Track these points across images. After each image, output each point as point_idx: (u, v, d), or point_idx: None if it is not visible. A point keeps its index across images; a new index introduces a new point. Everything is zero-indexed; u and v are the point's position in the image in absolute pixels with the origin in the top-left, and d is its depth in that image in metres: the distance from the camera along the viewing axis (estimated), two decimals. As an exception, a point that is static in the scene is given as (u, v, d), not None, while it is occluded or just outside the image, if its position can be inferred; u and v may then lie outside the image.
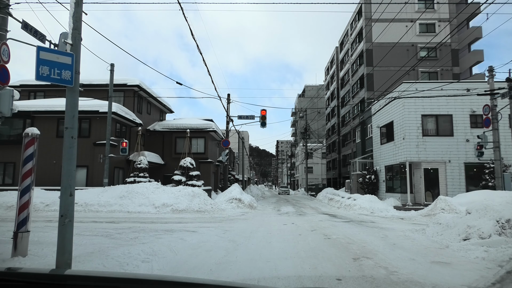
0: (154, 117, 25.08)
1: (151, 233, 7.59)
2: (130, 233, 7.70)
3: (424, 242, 6.87)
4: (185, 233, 7.63)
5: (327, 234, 7.98)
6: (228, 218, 11.47)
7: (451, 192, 16.44)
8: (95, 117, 17.58)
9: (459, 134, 17.15)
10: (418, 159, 17.19)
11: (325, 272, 4.45)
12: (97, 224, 9.50)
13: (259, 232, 8.10)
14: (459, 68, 31.02)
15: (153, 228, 8.62)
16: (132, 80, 20.90)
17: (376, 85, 30.10)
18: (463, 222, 6.98)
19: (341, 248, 6.08)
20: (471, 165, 16.89)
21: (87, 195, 13.55)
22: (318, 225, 9.74)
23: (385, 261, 5.06)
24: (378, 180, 21.00)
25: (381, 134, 20.96)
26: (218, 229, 8.46)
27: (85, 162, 17.31)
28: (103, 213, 12.31)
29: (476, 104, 17.07)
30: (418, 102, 17.37)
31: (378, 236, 7.70)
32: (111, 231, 7.89)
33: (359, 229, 8.97)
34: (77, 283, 1.11)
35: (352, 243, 6.67)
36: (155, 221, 10.46)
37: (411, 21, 30.75)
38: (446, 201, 12.76)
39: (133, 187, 13.80)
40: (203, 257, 5.24)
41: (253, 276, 4.25)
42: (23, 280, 1.10)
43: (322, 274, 4.35)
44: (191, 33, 11.92)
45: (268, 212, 14.59)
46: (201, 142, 23.17)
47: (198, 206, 12.92)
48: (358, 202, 15.68)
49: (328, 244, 6.59)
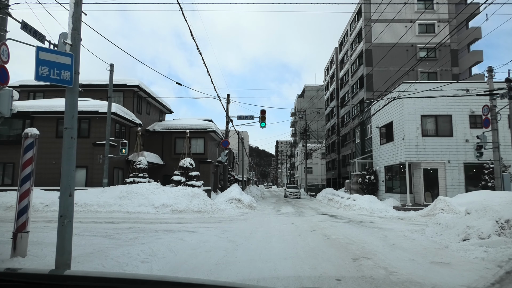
0: (153, 117, 25.08)
1: (151, 234, 7.58)
2: (130, 233, 7.69)
3: (424, 243, 6.87)
4: (185, 234, 7.63)
5: (326, 234, 7.98)
6: (228, 219, 11.47)
7: (450, 193, 16.45)
8: (95, 117, 17.57)
9: (458, 135, 17.17)
10: (418, 159, 17.20)
11: (325, 273, 4.45)
12: (96, 225, 9.49)
13: (258, 233, 8.10)
14: (459, 69, 31.05)
15: (153, 228, 8.61)
16: (131, 80, 20.89)
17: (376, 85, 30.12)
18: (462, 223, 6.99)
19: (341, 249, 6.08)
20: (471, 166, 16.91)
21: (86, 196, 13.54)
22: (317, 226, 9.74)
23: (385, 261, 5.06)
24: (378, 181, 21.01)
25: (381, 134, 20.98)
26: (218, 230, 8.46)
27: (84, 163, 17.30)
28: (103, 214, 12.30)
29: (475, 104, 17.09)
30: (418, 102, 17.39)
31: (377, 237, 7.71)
32: (111, 232, 7.88)
33: (358, 230, 8.97)
34: (76, 283, 1.11)
35: (352, 243, 6.67)
36: (154, 221, 10.46)
37: (411, 21, 30.79)
38: (445, 201, 12.76)
39: (133, 188, 13.79)
40: (202, 257, 5.24)
41: (253, 276, 4.25)
42: (23, 281, 1.10)
43: (322, 275, 4.35)
44: (191, 33, 11.90)
45: (268, 213, 14.59)
46: (201, 143, 23.16)
47: (198, 206, 12.91)
48: (358, 202, 15.69)
49: (327, 244, 6.58)
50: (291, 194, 31.23)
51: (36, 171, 18.80)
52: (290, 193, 31.41)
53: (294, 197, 30.61)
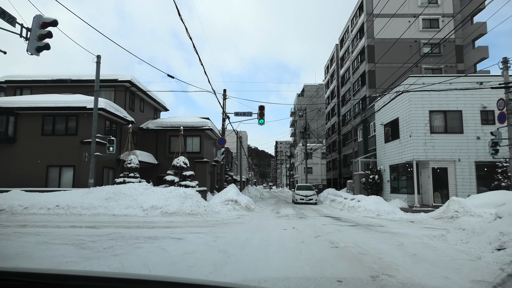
0: (147, 115, 24.01)
1: (130, 241, 6.55)
2: (107, 241, 6.65)
3: (449, 252, 5.85)
4: (169, 241, 6.59)
5: (333, 241, 6.95)
6: (222, 222, 10.42)
7: (461, 193, 15.44)
8: (83, 113, 16.51)
9: (469, 131, 16.14)
10: (426, 157, 16.17)
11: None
12: (74, 230, 8.45)
13: (255, 239, 7.06)
14: (464, 65, 30.05)
15: (135, 234, 7.57)
16: (123, 75, 19.83)
17: (378, 82, 29.11)
18: (493, 228, 5.96)
19: (353, 261, 5.05)
20: (482, 164, 15.90)
21: (70, 197, 12.49)
22: (322, 230, 8.71)
23: (413, 280, 4.02)
24: (382, 180, 19.98)
25: (386, 132, 19.95)
26: (209, 236, 7.41)
27: (72, 162, 16.25)
28: (86, 217, 11.25)
29: (487, 99, 16.10)
30: (426, 97, 16.37)
31: (392, 244, 6.68)
32: (85, 239, 6.84)
33: (368, 235, 7.94)
34: (77, 283, 1.11)
35: (365, 253, 5.64)
36: (140, 225, 9.42)
37: (414, 16, 29.81)
38: (459, 202, 11.75)
39: (120, 188, 12.75)
40: (182, 275, 4.19)
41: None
42: (24, 280, 1.09)
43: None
44: (186, 30, 10.93)
45: (267, 215, 13.55)
46: (197, 141, 22.12)
47: (190, 208, 11.87)
48: (363, 203, 14.66)
49: (336, 254, 5.56)
50: (302, 199, 21.11)
51: (19, 171, 17.45)
52: (302, 197, 21.19)
53: (308, 203, 20.93)
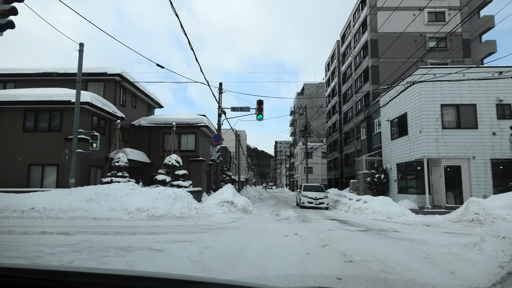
0: (140, 112, 22.79)
1: (97, 254, 5.35)
2: (69, 253, 5.45)
3: (493, 268, 4.66)
4: (145, 254, 5.39)
5: (345, 252, 5.75)
6: (215, 227, 9.22)
7: (476, 193, 14.26)
8: (67, 108, 15.27)
9: (484, 127, 14.96)
10: (438, 155, 14.98)
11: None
12: (42, 237, 7.23)
13: (251, 250, 5.85)
14: (471, 60, 28.88)
15: (108, 243, 6.36)
16: (112, 68, 18.60)
17: (382, 77, 27.94)
18: (548, 238, 4.78)
19: (379, 284, 3.84)
20: (499, 162, 14.72)
21: (47, 198, 11.27)
22: (329, 237, 7.50)
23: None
24: (389, 180, 18.79)
25: (392, 128, 18.76)
26: (195, 245, 6.20)
27: (55, 160, 15.02)
28: (63, 221, 10.02)
29: (503, 92, 14.93)
30: (437, 90, 15.19)
31: (418, 256, 5.49)
32: (45, 251, 5.63)
33: (385, 244, 6.74)
34: (78, 279, 1.10)
35: (389, 271, 4.44)
36: (121, 231, 8.21)
37: (419, 9, 28.62)
38: (479, 204, 10.58)
39: (104, 189, 11.53)
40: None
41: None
42: (24, 276, 1.08)
43: None
44: (181, 26, 9.82)
45: (265, 218, 12.35)
46: (192, 139, 20.90)
47: (180, 211, 10.66)
48: (370, 205, 13.47)
49: (353, 273, 4.36)
50: (311, 202, 17.05)
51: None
52: (310, 200, 17.11)
53: (317, 207, 16.98)
